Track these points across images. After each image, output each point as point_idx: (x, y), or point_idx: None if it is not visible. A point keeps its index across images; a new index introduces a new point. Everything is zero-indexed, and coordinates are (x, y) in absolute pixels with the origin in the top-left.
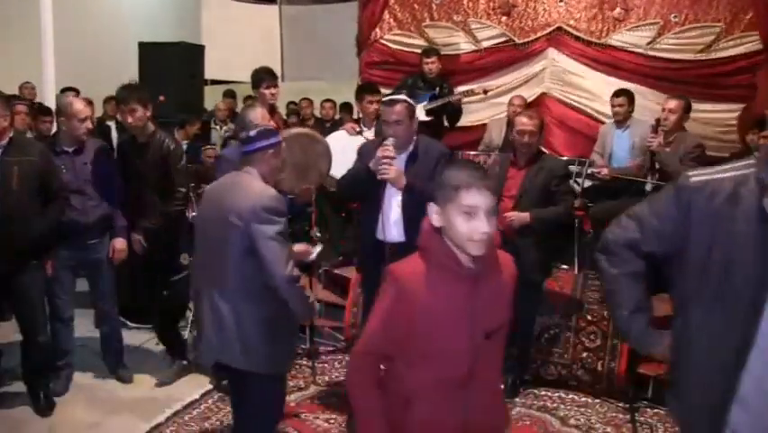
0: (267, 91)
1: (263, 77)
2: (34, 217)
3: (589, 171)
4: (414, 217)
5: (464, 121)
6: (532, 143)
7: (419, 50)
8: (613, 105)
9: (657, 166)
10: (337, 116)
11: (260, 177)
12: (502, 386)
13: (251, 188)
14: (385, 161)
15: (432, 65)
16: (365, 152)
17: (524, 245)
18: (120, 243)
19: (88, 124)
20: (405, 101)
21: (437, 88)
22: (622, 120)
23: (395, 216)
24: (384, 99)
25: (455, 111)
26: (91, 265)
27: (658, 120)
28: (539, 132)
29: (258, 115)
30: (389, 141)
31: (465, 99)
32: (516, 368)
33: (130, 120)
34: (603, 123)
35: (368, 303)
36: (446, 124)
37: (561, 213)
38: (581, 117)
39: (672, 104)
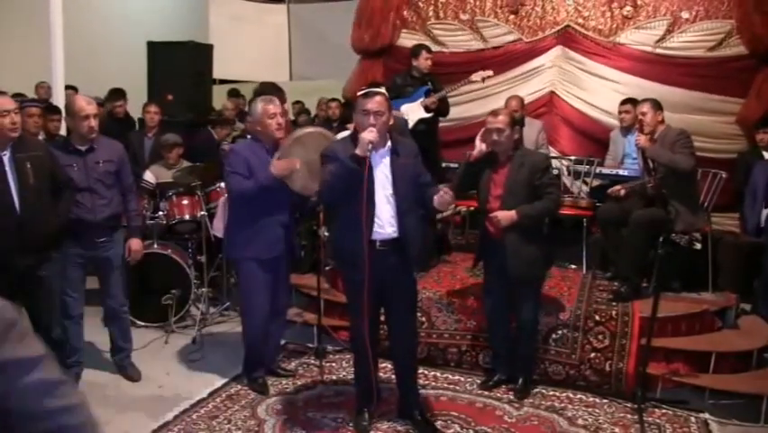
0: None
1: (272, 93)
2: (50, 211)
3: (598, 175)
4: (407, 212)
5: (470, 115)
6: (500, 141)
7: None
8: (619, 112)
9: (652, 165)
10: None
11: None
12: (515, 386)
13: None
14: (374, 138)
15: (430, 61)
16: (339, 152)
17: (513, 245)
18: (136, 243)
19: (91, 122)
20: (384, 94)
21: (429, 83)
22: (628, 126)
23: (388, 212)
24: (363, 92)
25: (445, 104)
26: (101, 264)
27: (641, 122)
28: (509, 128)
29: (259, 109)
30: (372, 129)
31: (463, 88)
32: (526, 368)
33: None
34: (607, 122)
35: (352, 302)
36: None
37: (548, 207)
38: (588, 117)
39: (643, 107)
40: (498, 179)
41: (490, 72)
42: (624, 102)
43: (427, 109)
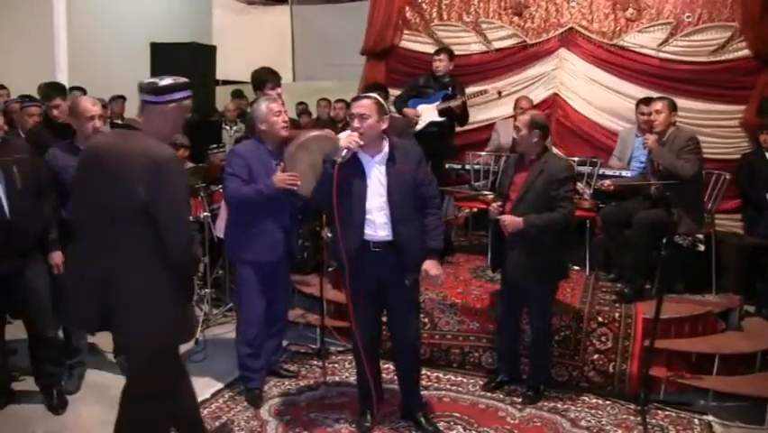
0: (272, 92)
1: (267, 78)
2: (36, 213)
3: (602, 176)
4: (401, 220)
5: (472, 119)
6: (520, 141)
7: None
8: (642, 114)
9: (657, 167)
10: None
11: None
12: (526, 391)
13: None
14: (351, 144)
15: (440, 63)
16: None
17: (514, 251)
18: None
19: (96, 123)
20: (375, 98)
21: (449, 88)
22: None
23: (381, 218)
24: (354, 96)
25: (464, 113)
26: None
27: (652, 120)
28: (526, 129)
29: (264, 108)
30: (355, 133)
31: (477, 98)
32: (539, 376)
33: None
34: (609, 125)
35: (355, 302)
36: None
37: (556, 220)
38: (591, 119)
39: (658, 105)
40: (518, 182)
41: (508, 89)
42: (642, 101)
43: (441, 113)
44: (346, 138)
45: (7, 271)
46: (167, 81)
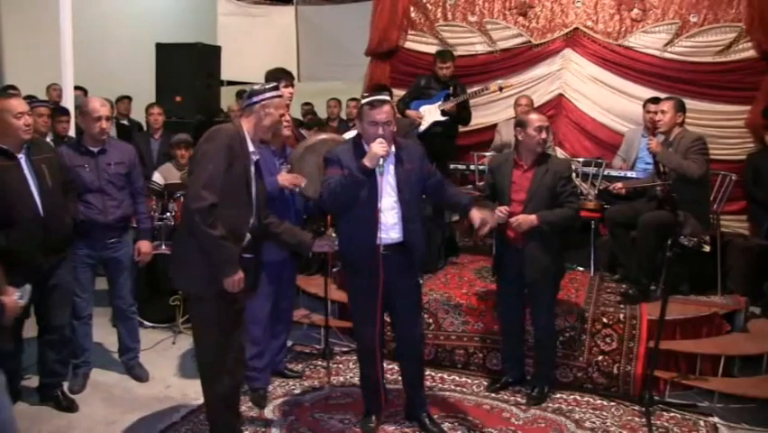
0: (285, 90)
1: (280, 76)
2: (65, 211)
3: (606, 177)
4: (411, 218)
5: (476, 122)
6: (547, 140)
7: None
8: (648, 112)
9: (662, 169)
10: None
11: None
12: (530, 392)
13: None
14: (385, 153)
15: (447, 70)
16: (342, 157)
17: (532, 251)
18: (145, 245)
19: (103, 124)
20: (390, 102)
21: (451, 88)
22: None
23: (392, 218)
24: (369, 100)
25: (466, 112)
26: (110, 264)
27: (657, 120)
28: (547, 131)
29: None
30: (383, 141)
31: (479, 97)
32: (545, 377)
33: None
34: (614, 126)
35: (358, 307)
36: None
37: (568, 215)
38: (596, 120)
39: (665, 105)
40: (521, 183)
41: (511, 82)
42: (651, 100)
43: (443, 113)
44: (378, 146)
45: (46, 269)
46: (256, 87)
